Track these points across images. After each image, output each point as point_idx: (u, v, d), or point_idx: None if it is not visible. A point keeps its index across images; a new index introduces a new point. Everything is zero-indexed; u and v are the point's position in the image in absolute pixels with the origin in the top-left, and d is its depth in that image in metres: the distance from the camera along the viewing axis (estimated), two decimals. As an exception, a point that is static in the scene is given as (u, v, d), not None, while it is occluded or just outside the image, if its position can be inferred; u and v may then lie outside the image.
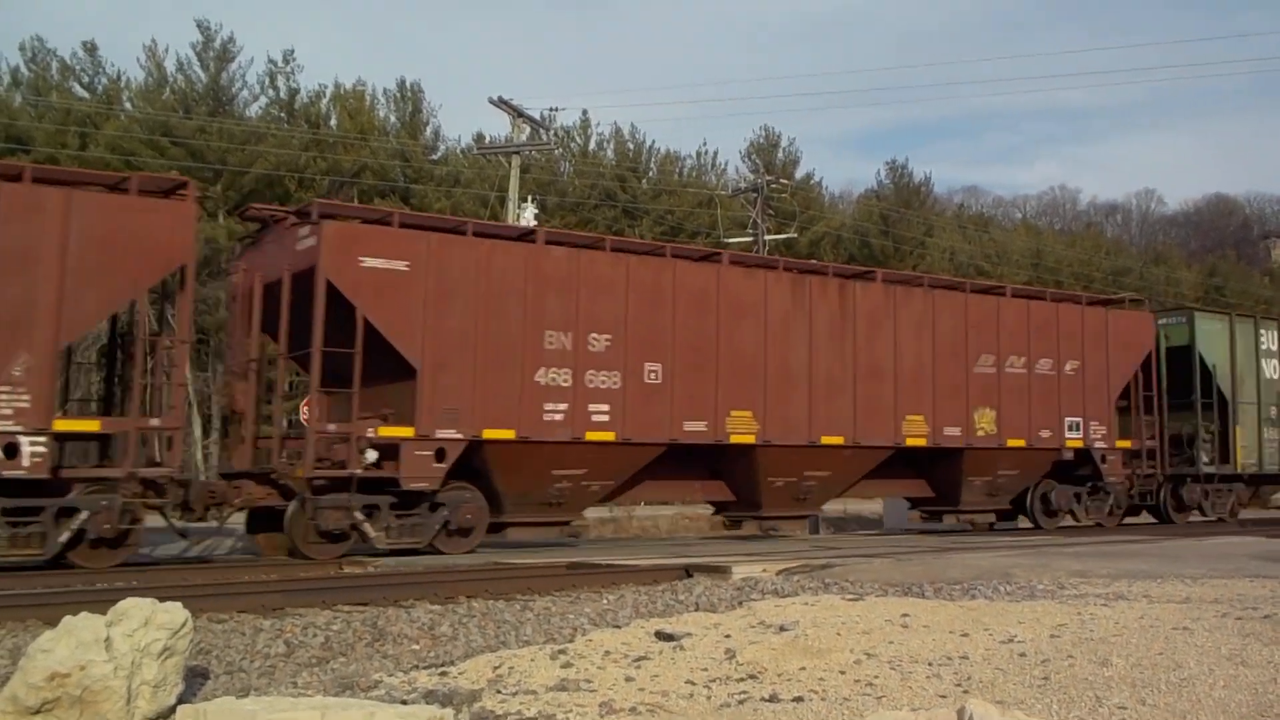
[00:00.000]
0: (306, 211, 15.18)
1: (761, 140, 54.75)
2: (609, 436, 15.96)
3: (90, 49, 40.98)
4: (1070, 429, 20.83)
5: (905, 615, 8.23)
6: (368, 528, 14.40)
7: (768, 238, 42.28)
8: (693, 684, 6.04)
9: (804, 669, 6.32)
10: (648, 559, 13.49)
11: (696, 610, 9.31)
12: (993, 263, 55.86)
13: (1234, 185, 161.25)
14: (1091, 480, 21.55)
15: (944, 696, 5.54)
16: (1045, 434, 20.51)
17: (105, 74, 41.47)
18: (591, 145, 51.02)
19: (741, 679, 6.15)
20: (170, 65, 41.38)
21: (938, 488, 20.46)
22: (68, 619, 5.30)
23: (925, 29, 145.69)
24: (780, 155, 54.34)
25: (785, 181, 47.07)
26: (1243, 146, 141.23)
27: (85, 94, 40.68)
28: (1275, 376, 24.48)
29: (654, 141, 52.73)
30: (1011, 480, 20.64)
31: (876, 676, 6.08)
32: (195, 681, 6.26)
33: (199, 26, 41.52)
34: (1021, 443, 20.20)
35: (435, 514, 14.93)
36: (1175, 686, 5.65)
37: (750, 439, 17.21)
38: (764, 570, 12.13)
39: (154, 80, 41.22)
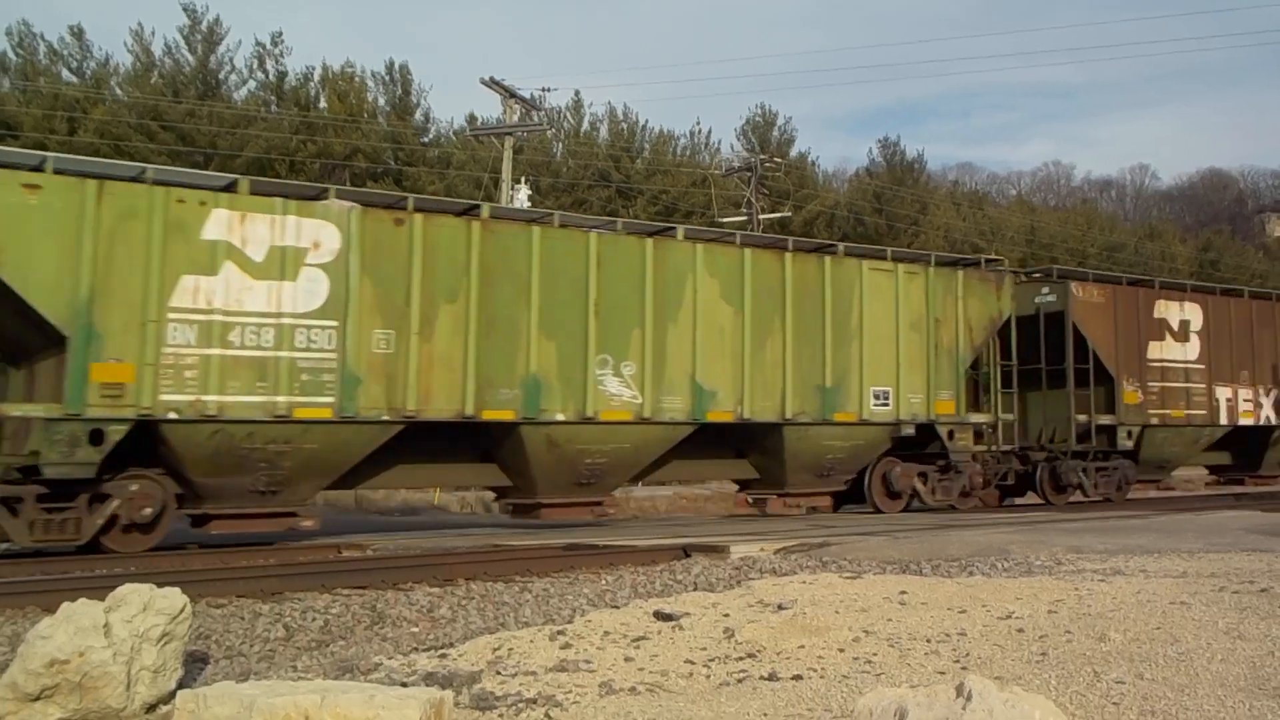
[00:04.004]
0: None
1: (758, 118, 54.61)
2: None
3: (77, 33, 40.73)
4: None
5: (903, 593, 8.25)
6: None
7: (762, 216, 42.22)
8: (692, 663, 6.05)
9: (803, 647, 6.33)
10: (645, 539, 13.50)
11: (695, 590, 9.33)
12: (987, 239, 55.79)
13: (1229, 160, 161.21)
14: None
15: (942, 673, 5.55)
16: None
17: (93, 58, 41.25)
18: (584, 126, 50.87)
19: (740, 658, 6.16)
20: (158, 49, 41.19)
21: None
22: (66, 605, 5.30)
23: (917, 6, 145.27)
24: (776, 133, 54.20)
25: (779, 160, 46.97)
26: (1237, 121, 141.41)
27: (74, 79, 40.46)
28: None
29: (647, 121, 52.62)
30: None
31: (875, 654, 6.10)
32: (195, 666, 6.26)
33: (185, 10, 41.29)
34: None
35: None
36: (1173, 660, 5.68)
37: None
38: (762, 550, 12.15)
39: (142, 64, 41.01)
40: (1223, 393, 23.47)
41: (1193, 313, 23.39)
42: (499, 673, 5.91)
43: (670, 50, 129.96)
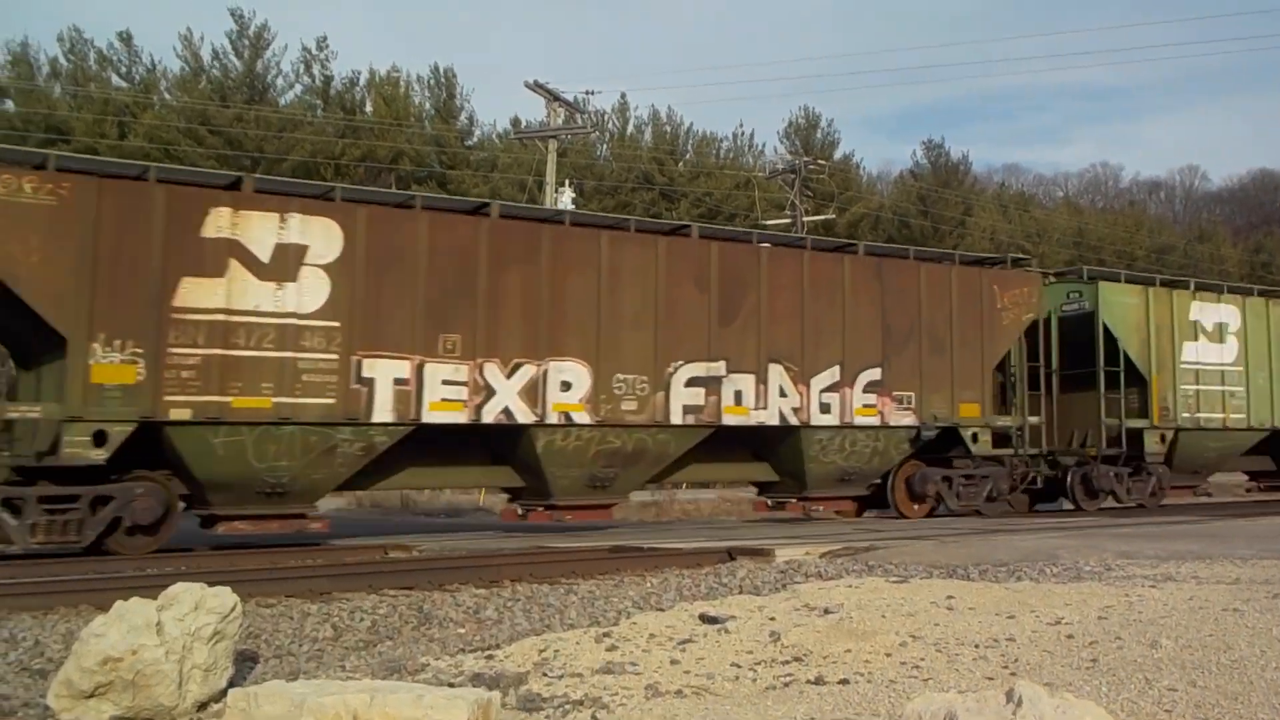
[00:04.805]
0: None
1: (801, 121, 54.47)
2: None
3: (126, 39, 41.31)
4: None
5: (950, 597, 8.19)
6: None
7: (806, 219, 42.09)
8: (738, 666, 6.04)
9: (849, 651, 6.30)
10: (690, 542, 13.49)
11: (740, 593, 9.31)
12: (1033, 241, 55.33)
13: None
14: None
15: (991, 679, 5.51)
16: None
17: (141, 64, 41.80)
18: (629, 128, 50.93)
19: (786, 661, 6.14)
20: (206, 54, 41.68)
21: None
22: (119, 604, 5.36)
23: (961, 7, 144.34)
24: (819, 136, 54.04)
25: (823, 162, 46.82)
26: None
27: (123, 84, 41.00)
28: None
29: (691, 123, 52.45)
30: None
31: (922, 659, 6.06)
32: (245, 665, 6.32)
33: (233, 15, 41.77)
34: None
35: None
36: (1226, 668, 5.60)
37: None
38: (807, 553, 12.11)
39: (190, 69, 41.51)
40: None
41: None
42: (545, 674, 5.93)
43: (714, 53, 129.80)
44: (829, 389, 17.43)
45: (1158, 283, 22.54)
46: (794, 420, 17.11)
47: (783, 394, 16.95)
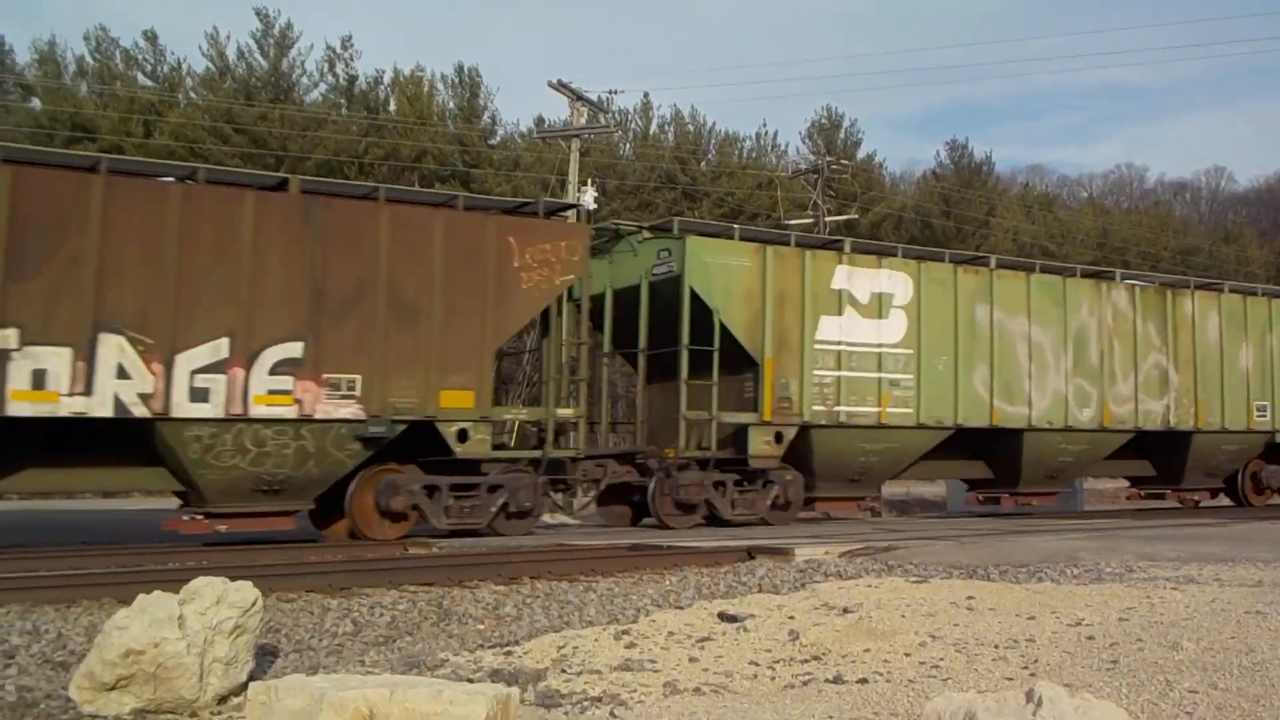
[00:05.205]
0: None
1: (823, 121, 54.37)
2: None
3: (151, 38, 41.55)
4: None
5: (970, 598, 8.16)
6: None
7: (828, 219, 42.00)
8: (756, 665, 6.04)
9: (868, 651, 6.29)
10: (709, 540, 13.49)
11: (759, 592, 9.30)
12: (1057, 243, 55.08)
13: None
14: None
15: (1011, 679, 5.49)
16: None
17: (166, 62, 42.05)
18: (652, 128, 50.93)
19: (805, 660, 6.14)
20: (231, 53, 41.91)
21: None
22: (142, 597, 5.40)
23: (984, 7, 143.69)
24: (842, 135, 53.93)
25: (846, 162, 46.71)
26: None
27: (149, 82, 41.25)
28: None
29: (714, 123, 52.40)
30: None
31: (942, 659, 6.04)
32: (265, 659, 6.36)
33: (258, 14, 41.98)
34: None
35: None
36: (1248, 670, 5.56)
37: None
38: (826, 552, 12.09)
39: (216, 68, 41.74)
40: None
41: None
42: (564, 671, 5.94)
43: (737, 52, 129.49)
44: (208, 369, 13.29)
45: (793, 242, 17.62)
46: (142, 410, 12.89)
47: (124, 375, 12.79)
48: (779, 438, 16.88)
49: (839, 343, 17.34)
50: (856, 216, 45.01)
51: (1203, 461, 21.97)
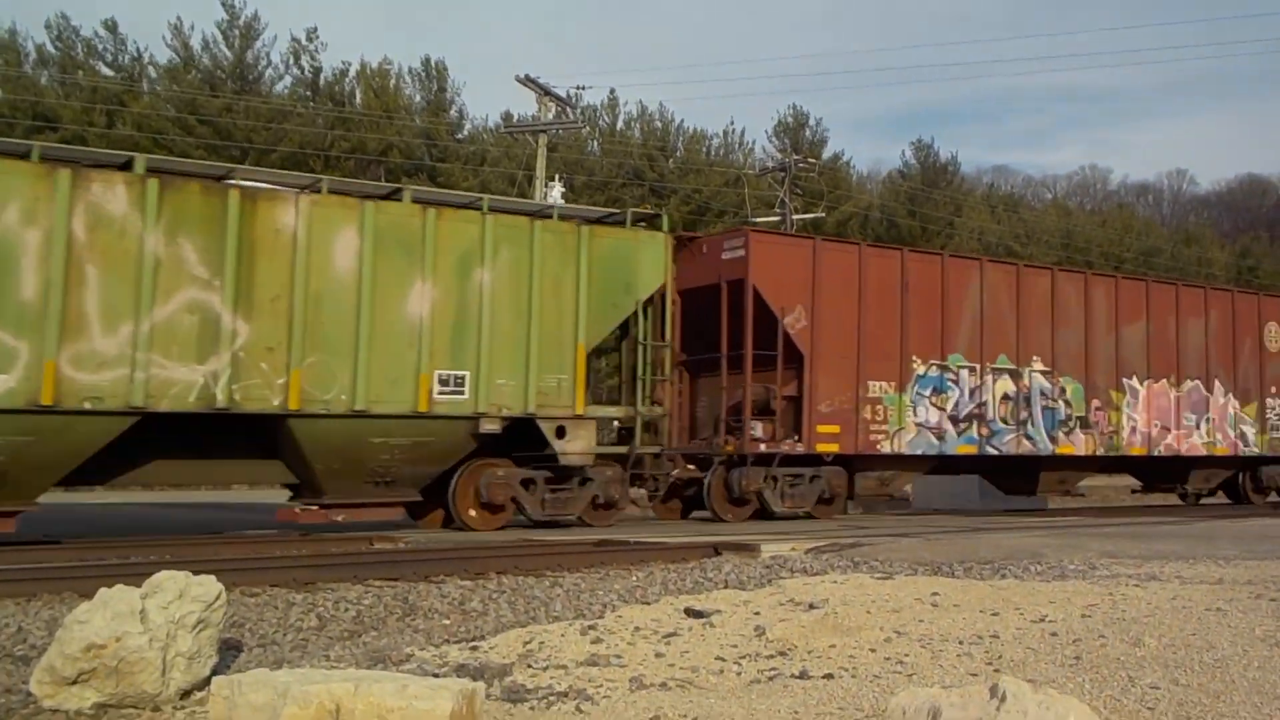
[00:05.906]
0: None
1: (789, 119, 54.54)
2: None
3: (111, 28, 41.12)
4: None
5: (935, 594, 8.21)
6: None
7: (795, 217, 42.13)
8: (723, 660, 6.04)
9: (834, 646, 6.31)
10: (676, 536, 13.50)
11: (726, 588, 9.31)
12: (1022, 243, 55.50)
13: (1267, 165, 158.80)
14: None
15: (975, 675, 5.52)
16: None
17: (127, 52, 41.64)
18: (619, 124, 50.91)
19: (771, 656, 6.15)
20: (196, 43, 41.56)
21: None
22: (103, 591, 5.34)
23: (953, 9, 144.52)
24: (808, 134, 54.11)
25: (813, 160, 46.89)
26: (1276, 126, 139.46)
27: (110, 73, 40.82)
28: None
29: (682, 120, 52.45)
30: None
31: (907, 654, 6.07)
32: (229, 654, 6.30)
33: (223, 4, 41.65)
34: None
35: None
36: (1209, 667, 5.62)
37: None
38: (793, 549, 12.12)
39: (180, 59, 41.37)
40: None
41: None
42: (530, 666, 5.92)
43: (705, 50, 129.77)
44: None
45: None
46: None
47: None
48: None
49: None
50: (823, 215, 45.17)
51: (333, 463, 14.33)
